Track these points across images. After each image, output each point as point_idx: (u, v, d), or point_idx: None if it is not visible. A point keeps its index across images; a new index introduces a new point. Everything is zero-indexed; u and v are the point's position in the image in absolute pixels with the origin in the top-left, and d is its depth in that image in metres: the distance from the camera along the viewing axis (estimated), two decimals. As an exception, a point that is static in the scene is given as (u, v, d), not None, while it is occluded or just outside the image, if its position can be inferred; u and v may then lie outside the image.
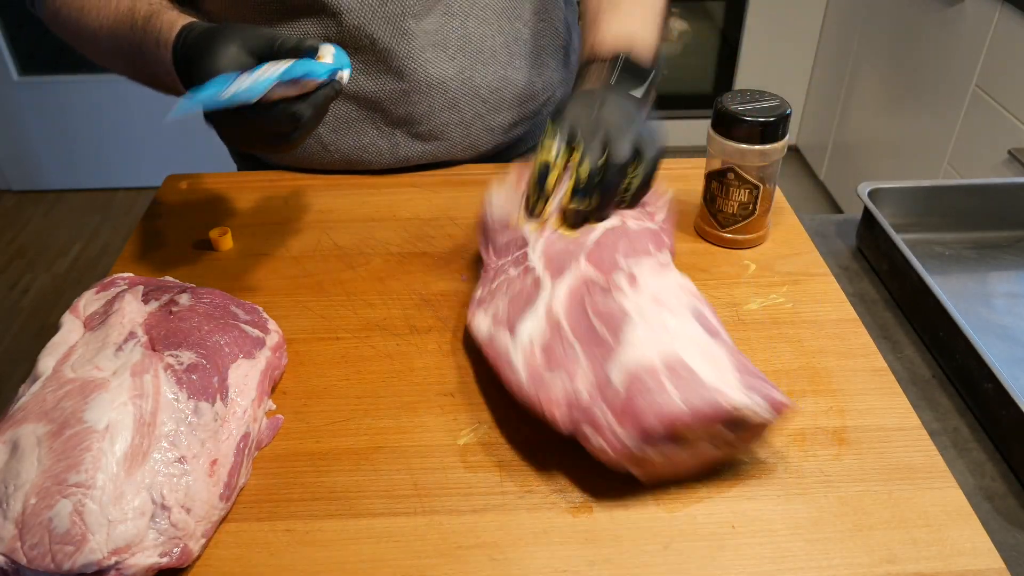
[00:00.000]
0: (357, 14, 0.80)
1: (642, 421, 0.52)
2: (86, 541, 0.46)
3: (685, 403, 0.51)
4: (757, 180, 0.75)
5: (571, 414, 0.55)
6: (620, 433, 0.52)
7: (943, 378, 0.68)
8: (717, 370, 0.54)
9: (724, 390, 0.52)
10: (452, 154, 0.92)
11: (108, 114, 2.61)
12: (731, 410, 0.51)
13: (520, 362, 0.58)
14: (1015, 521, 0.56)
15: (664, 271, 0.62)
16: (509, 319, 0.61)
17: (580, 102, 0.69)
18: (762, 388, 0.53)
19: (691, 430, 0.52)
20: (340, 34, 0.82)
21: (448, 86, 0.87)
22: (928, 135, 1.95)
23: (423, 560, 0.51)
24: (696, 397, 0.52)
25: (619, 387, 0.54)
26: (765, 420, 0.53)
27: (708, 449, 0.54)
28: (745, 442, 0.56)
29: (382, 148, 0.90)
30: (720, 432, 0.53)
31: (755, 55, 2.57)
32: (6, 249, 2.47)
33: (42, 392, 0.53)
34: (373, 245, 0.80)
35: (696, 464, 0.56)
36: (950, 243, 0.85)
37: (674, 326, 0.57)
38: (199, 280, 0.73)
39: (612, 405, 0.53)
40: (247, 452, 0.55)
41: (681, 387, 0.52)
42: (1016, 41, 1.61)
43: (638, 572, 0.51)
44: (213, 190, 0.91)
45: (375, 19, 0.81)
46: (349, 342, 0.69)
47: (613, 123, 0.66)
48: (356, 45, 0.82)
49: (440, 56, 0.85)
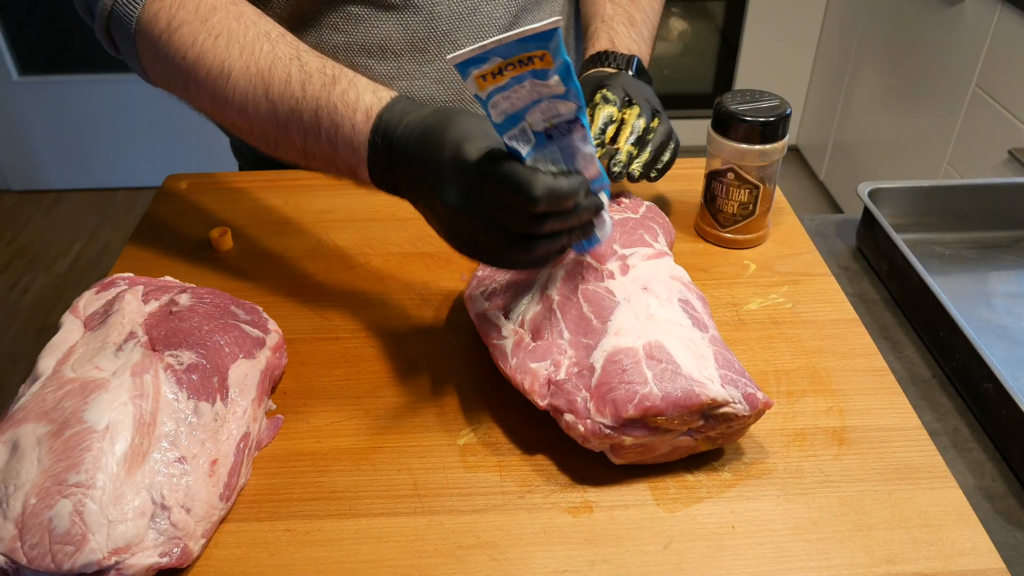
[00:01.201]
0: (446, 20, 0.81)
1: (617, 406, 0.53)
2: (86, 541, 0.46)
3: (661, 391, 0.52)
4: (757, 180, 0.75)
5: (550, 391, 0.56)
6: (595, 416, 0.53)
7: (943, 378, 0.68)
8: (698, 361, 0.54)
9: (701, 381, 0.53)
10: None
11: (108, 114, 2.61)
12: (707, 402, 0.52)
13: (508, 336, 0.60)
14: (1015, 521, 0.56)
15: (657, 261, 0.63)
16: (505, 295, 0.63)
17: (623, 78, 0.74)
18: (742, 384, 0.54)
19: (666, 419, 0.53)
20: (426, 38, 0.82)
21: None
22: (928, 135, 1.95)
23: (423, 560, 0.51)
24: (673, 386, 0.53)
25: (599, 370, 0.55)
26: (742, 415, 0.53)
27: (686, 440, 0.55)
28: (726, 438, 0.56)
29: None
30: (698, 424, 0.54)
31: (755, 55, 2.57)
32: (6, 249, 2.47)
33: (42, 392, 0.53)
34: (373, 245, 0.80)
35: (671, 452, 0.56)
36: (950, 243, 0.85)
37: (660, 314, 0.58)
38: (199, 280, 0.73)
39: (590, 387, 0.55)
40: (247, 452, 0.55)
41: (659, 375, 0.53)
42: (1016, 41, 1.61)
43: (638, 572, 0.51)
44: (213, 190, 0.91)
45: (462, 26, 0.82)
46: (349, 342, 0.68)
47: (654, 98, 0.74)
48: (439, 52, 0.83)
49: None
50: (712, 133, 0.75)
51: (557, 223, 0.52)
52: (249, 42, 0.61)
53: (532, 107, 0.50)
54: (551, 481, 0.56)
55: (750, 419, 0.55)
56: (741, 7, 2.49)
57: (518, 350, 0.59)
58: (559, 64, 0.48)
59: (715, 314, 0.71)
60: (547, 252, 0.54)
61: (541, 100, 0.50)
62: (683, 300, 0.60)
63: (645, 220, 0.69)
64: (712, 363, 0.55)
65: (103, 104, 2.58)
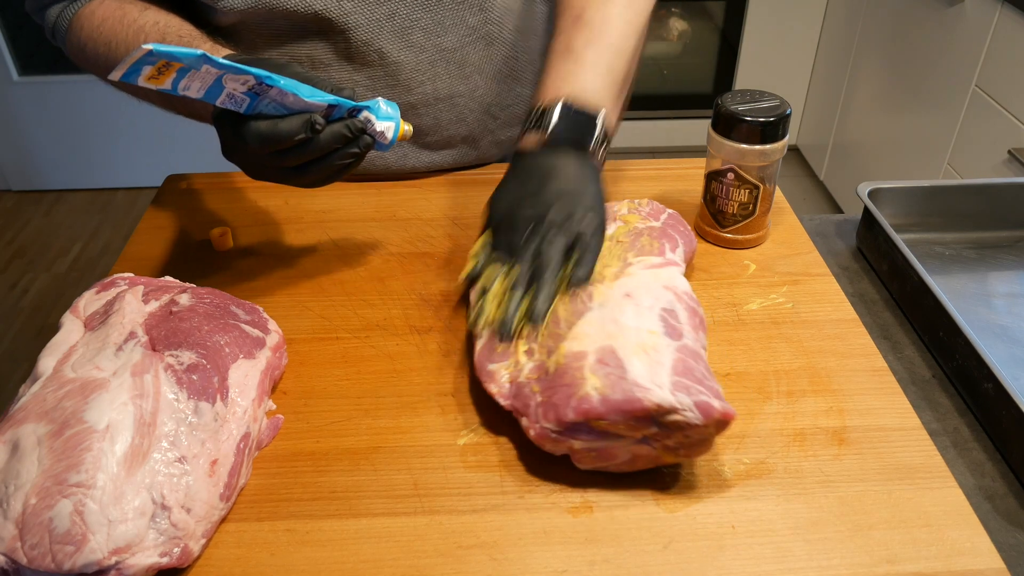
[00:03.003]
0: (365, 29, 0.80)
1: (559, 410, 0.53)
2: (86, 541, 0.46)
3: (600, 395, 0.52)
4: (757, 180, 0.75)
5: (511, 391, 0.57)
6: (542, 420, 0.54)
7: (943, 378, 0.68)
8: (650, 368, 0.53)
9: (647, 386, 0.52)
10: (459, 163, 0.93)
11: (108, 114, 2.61)
12: (652, 408, 0.51)
13: (480, 336, 0.61)
14: (1015, 521, 0.56)
15: (659, 270, 0.62)
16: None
17: (513, 185, 0.67)
18: (696, 391, 0.52)
19: (609, 423, 0.52)
20: (349, 50, 0.81)
21: (456, 101, 0.87)
22: (928, 135, 1.95)
23: (423, 560, 0.51)
24: (614, 391, 0.52)
25: (551, 374, 0.55)
26: (694, 423, 0.52)
27: (644, 448, 0.54)
28: (688, 449, 0.55)
29: (389, 160, 0.90)
30: (652, 431, 0.53)
31: (755, 55, 2.57)
32: (6, 249, 2.47)
33: (42, 392, 0.53)
34: (373, 245, 0.81)
35: (632, 461, 0.55)
36: (950, 243, 0.85)
37: (629, 322, 0.57)
38: (199, 280, 0.73)
39: (542, 390, 0.55)
40: (247, 452, 0.55)
41: (603, 379, 0.53)
42: (1016, 41, 1.61)
43: (638, 572, 0.51)
44: (213, 190, 0.91)
45: (383, 33, 0.81)
46: (349, 342, 0.69)
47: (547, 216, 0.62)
48: (364, 60, 0.82)
49: (454, 74, 0.85)
50: (712, 133, 0.75)
51: (306, 153, 0.61)
52: (132, 36, 0.73)
53: (222, 79, 0.58)
54: (551, 481, 0.56)
55: (708, 429, 0.53)
56: (741, 7, 2.49)
57: (484, 349, 0.60)
58: (190, 62, 0.56)
59: (715, 314, 0.71)
60: (320, 175, 0.64)
61: (224, 74, 0.58)
62: (667, 310, 0.58)
63: (666, 228, 0.68)
64: (667, 370, 0.53)
65: (103, 104, 2.58)
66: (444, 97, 0.86)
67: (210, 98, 0.59)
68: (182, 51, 0.55)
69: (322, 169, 0.63)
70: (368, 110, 0.63)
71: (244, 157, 0.64)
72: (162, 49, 0.54)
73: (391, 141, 0.64)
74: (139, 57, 0.54)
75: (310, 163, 0.63)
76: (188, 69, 0.57)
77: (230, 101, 0.60)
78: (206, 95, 0.59)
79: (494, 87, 0.88)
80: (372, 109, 0.63)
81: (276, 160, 0.62)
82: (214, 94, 0.59)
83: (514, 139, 0.92)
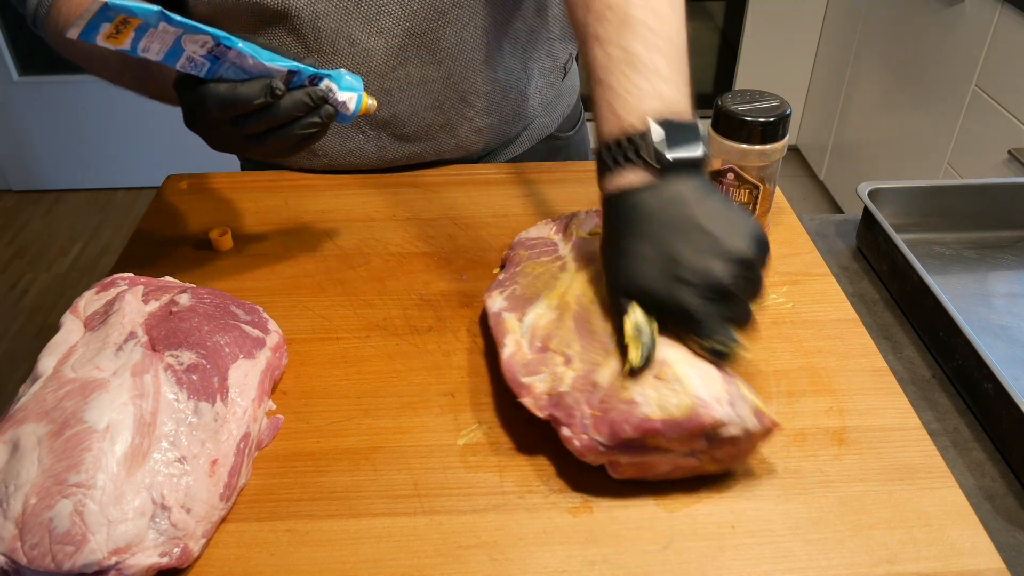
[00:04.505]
0: (334, 17, 0.80)
1: (615, 425, 0.51)
2: (86, 541, 0.46)
3: (664, 414, 0.51)
4: (757, 180, 0.75)
5: (551, 402, 0.55)
6: (592, 432, 0.52)
7: (943, 378, 0.68)
8: (704, 380, 0.52)
9: (708, 401, 0.51)
10: (440, 154, 0.92)
11: (108, 114, 2.61)
12: (711, 423, 0.50)
13: (514, 341, 0.60)
14: (1015, 521, 0.56)
15: None
16: (522, 298, 0.63)
17: (640, 245, 0.54)
18: (749, 402, 0.52)
19: (666, 440, 0.51)
20: (318, 40, 0.81)
21: (431, 87, 0.86)
22: (928, 135, 1.95)
23: (423, 560, 0.51)
24: (677, 408, 0.51)
25: (603, 386, 0.54)
26: (749, 434, 0.52)
27: (690, 460, 0.54)
28: (733, 459, 0.55)
29: (368, 151, 0.90)
30: (702, 446, 0.52)
31: (755, 55, 2.57)
32: (6, 249, 2.47)
33: (42, 392, 0.53)
34: (373, 245, 0.81)
35: (673, 471, 0.55)
36: (950, 243, 0.85)
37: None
38: (199, 280, 0.73)
39: (591, 402, 0.53)
40: (247, 452, 0.55)
41: (663, 395, 0.51)
42: (1016, 41, 1.61)
43: (638, 572, 0.51)
44: (213, 190, 0.91)
45: (351, 20, 0.80)
46: (349, 342, 0.69)
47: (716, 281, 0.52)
48: (335, 49, 0.82)
49: (426, 59, 0.84)
50: (712, 133, 0.75)
51: (266, 119, 0.61)
52: None
53: (181, 40, 0.58)
54: (551, 481, 0.56)
55: (757, 439, 0.53)
56: (741, 7, 2.49)
57: (513, 361, 0.58)
58: (147, 18, 0.55)
59: (715, 314, 0.71)
60: (281, 144, 0.64)
61: (183, 35, 0.57)
62: None
63: None
64: (719, 380, 0.53)
65: (103, 104, 2.58)
66: (417, 83, 0.85)
67: (170, 62, 0.59)
68: (138, 6, 0.54)
69: (283, 138, 0.63)
70: (330, 78, 0.63)
71: (205, 125, 0.64)
72: (118, 3, 0.53)
73: (353, 112, 0.64)
74: (96, 12, 0.53)
75: (270, 131, 0.63)
76: (146, 28, 0.56)
77: (190, 65, 0.59)
78: (166, 58, 0.58)
79: (468, 73, 0.87)
80: (334, 78, 0.63)
81: (236, 127, 0.62)
82: (174, 58, 0.59)
83: (494, 126, 0.91)
